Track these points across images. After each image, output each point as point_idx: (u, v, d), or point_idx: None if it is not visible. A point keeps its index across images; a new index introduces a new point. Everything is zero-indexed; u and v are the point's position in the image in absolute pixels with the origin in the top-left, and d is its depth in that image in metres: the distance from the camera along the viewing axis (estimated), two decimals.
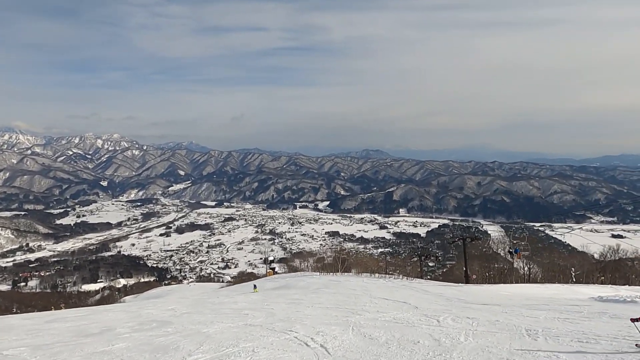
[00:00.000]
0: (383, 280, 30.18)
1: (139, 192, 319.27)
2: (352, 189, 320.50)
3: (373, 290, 23.18)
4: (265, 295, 24.93)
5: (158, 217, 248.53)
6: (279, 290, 29.02)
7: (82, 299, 63.39)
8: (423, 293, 21.42)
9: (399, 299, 18.47)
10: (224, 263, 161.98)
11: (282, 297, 22.82)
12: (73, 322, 16.64)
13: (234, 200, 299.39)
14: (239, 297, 25.68)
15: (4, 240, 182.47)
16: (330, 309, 16.65)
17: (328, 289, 25.36)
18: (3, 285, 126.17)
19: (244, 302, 21.31)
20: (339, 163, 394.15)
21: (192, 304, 22.51)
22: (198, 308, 19.75)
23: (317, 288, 26.48)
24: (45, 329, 14.89)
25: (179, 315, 17.23)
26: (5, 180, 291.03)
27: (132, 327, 13.99)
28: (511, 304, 15.86)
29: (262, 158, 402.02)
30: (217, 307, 20.16)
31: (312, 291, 24.70)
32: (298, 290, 26.22)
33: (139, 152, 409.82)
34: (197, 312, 18.18)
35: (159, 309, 19.73)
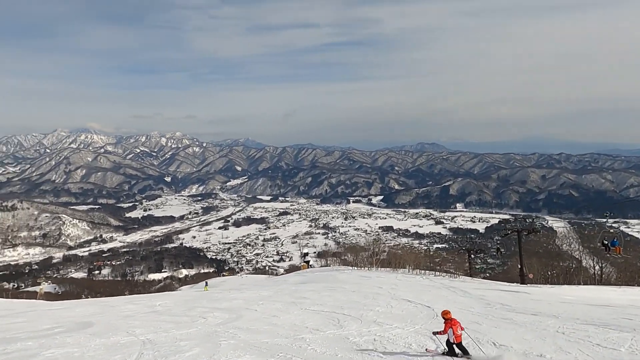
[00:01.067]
0: (420, 278, 28.06)
1: (199, 187, 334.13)
2: (407, 183, 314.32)
3: (401, 289, 21.31)
4: (275, 292, 24.05)
5: (217, 211, 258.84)
6: (297, 285, 28.00)
7: (146, 287, 67.70)
8: (460, 295, 18.81)
9: (424, 302, 16.48)
10: (278, 256, 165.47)
11: (290, 294, 21.77)
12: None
13: (289, 195, 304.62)
14: (239, 294, 25.20)
15: (81, 231, 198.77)
16: (324, 313, 15.33)
17: (350, 285, 24.06)
18: (80, 272, 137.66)
19: (231, 301, 20.96)
20: (392, 157, 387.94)
21: (177, 301, 24.24)
22: (178, 305, 21.68)
23: (338, 285, 25.04)
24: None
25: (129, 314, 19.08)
26: (82, 176, 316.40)
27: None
28: (573, 316, 12.02)
29: (316, 153, 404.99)
30: (190, 305, 21.22)
31: (329, 288, 23.59)
32: (315, 287, 25.21)
33: (199, 149, 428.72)
34: (155, 311, 19.71)
35: (142, 305, 22.49)
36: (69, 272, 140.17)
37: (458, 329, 9.01)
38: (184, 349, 10.35)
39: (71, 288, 67.61)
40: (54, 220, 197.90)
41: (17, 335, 13.50)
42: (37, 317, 19.03)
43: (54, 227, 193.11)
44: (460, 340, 9.06)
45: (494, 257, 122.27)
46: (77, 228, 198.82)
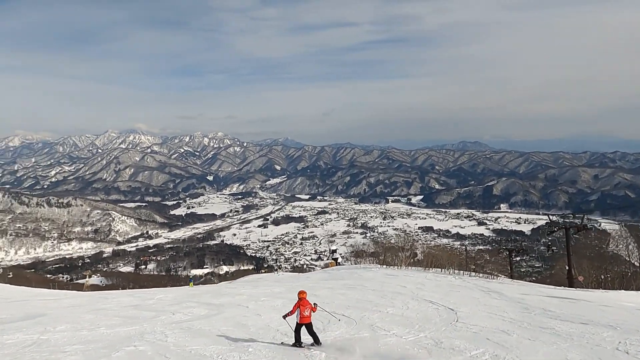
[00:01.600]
0: (452, 278, 25.26)
1: (239, 185, 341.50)
2: (448, 182, 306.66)
3: (427, 289, 19.38)
4: (288, 288, 22.85)
5: (256, 210, 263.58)
6: (316, 282, 26.37)
7: (187, 282, 70.01)
8: (494, 297, 16.18)
9: (448, 304, 14.25)
10: (316, 255, 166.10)
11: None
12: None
13: (327, 194, 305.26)
14: (251, 289, 24.30)
15: (129, 227, 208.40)
16: (319, 314, 11.34)
17: (372, 284, 22.47)
18: (128, 266, 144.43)
19: (234, 296, 20.05)
20: (433, 156, 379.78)
21: (179, 295, 23.65)
22: (174, 299, 21.08)
23: (359, 283, 23.40)
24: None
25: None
26: (130, 175, 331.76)
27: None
28: (637, 328, 9.42)
29: (354, 152, 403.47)
30: (186, 299, 20.61)
31: (348, 286, 22.13)
32: (334, 284, 23.83)
33: (240, 149, 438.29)
34: (134, 305, 18.98)
35: (138, 298, 22.47)
36: (118, 266, 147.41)
37: (306, 310, 8.86)
38: (59, 356, 8.74)
39: (117, 281, 71.40)
40: (105, 216, 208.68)
41: None
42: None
43: (105, 223, 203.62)
44: (307, 322, 8.85)
45: (541, 260, 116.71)
46: (125, 224, 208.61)
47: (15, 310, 17.45)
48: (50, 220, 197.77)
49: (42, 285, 46.75)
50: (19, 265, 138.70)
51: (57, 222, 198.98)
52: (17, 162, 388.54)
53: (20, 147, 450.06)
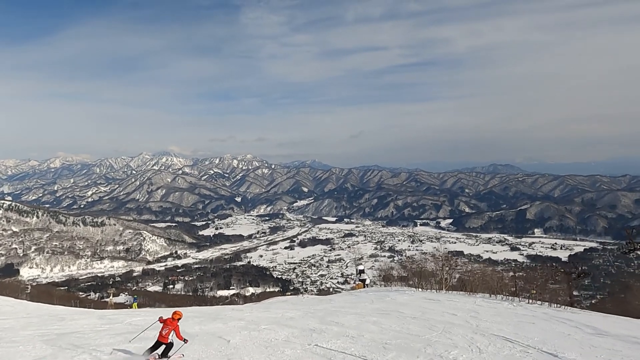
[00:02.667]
0: (508, 304, 21.87)
1: (267, 207, 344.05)
2: (478, 206, 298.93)
3: (486, 318, 16.01)
4: (304, 313, 19.35)
5: (283, 231, 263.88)
6: (339, 308, 22.44)
7: (213, 303, 70.05)
8: (593, 334, 12.79)
9: (537, 344, 10.76)
10: (343, 278, 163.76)
11: (320, 318, 16.94)
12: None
13: (354, 216, 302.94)
14: (260, 313, 20.77)
15: (159, 247, 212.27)
16: (344, 357, 10.03)
17: (410, 310, 19.14)
18: (156, 286, 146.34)
19: (227, 322, 16.36)
20: (463, 179, 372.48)
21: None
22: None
23: (394, 308, 20.16)
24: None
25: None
26: (162, 196, 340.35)
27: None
28: None
29: (382, 175, 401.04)
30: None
31: (380, 312, 18.83)
32: (363, 309, 20.39)
33: (268, 171, 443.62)
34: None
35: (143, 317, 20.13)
36: (147, 285, 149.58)
37: (164, 329, 9.31)
38: None
39: (145, 300, 72.26)
40: (136, 236, 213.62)
41: None
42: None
43: (136, 243, 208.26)
44: (163, 341, 9.30)
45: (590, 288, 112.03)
46: (155, 244, 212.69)
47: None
48: (84, 239, 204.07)
49: (64, 302, 47.62)
50: (53, 283, 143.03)
51: (91, 240, 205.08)
52: (57, 182, 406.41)
53: (61, 169, 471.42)
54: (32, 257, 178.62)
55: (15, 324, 16.69)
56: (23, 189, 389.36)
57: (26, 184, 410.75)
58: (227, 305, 38.54)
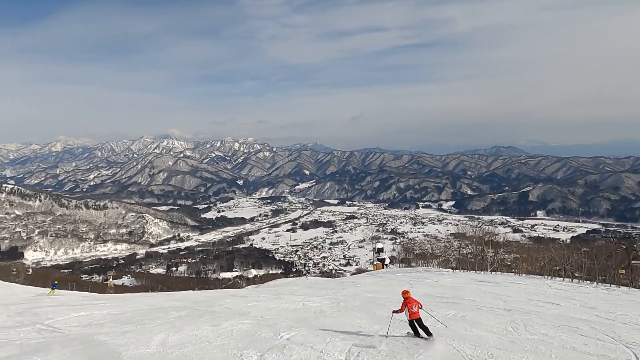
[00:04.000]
0: (597, 289, 19.08)
1: (269, 190, 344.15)
2: (480, 188, 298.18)
3: (608, 309, 13.42)
4: (332, 302, 15.93)
5: (285, 214, 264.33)
6: (378, 291, 19.55)
7: (216, 285, 70.26)
8: None
9: None
10: (345, 260, 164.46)
11: (360, 306, 14.44)
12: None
13: (356, 199, 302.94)
14: (266, 302, 17.02)
15: (162, 230, 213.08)
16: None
17: (481, 298, 16.19)
18: (160, 268, 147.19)
19: (219, 321, 12.45)
20: (465, 161, 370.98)
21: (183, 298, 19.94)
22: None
23: (453, 295, 17.19)
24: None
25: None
26: (163, 179, 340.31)
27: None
28: None
29: (384, 157, 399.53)
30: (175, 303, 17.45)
31: (445, 301, 15.67)
32: (415, 292, 15.58)
33: (269, 154, 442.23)
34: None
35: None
36: (150, 267, 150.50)
37: (413, 307, 9.55)
38: None
39: (147, 282, 72.38)
40: (139, 219, 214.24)
41: None
42: None
43: (139, 226, 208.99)
44: (416, 317, 9.56)
45: None
46: (158, 227, 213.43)
47: None
48: (87, 222, 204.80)
49: (60, 285, 47.60)
50: (57, 265, 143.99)
51: (94, 223, 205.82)
52: (59, 166, 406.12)
53: (62, 152, 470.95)
54: (35, 240, 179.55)
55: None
56: (25, 173, 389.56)
57: (28, 168, 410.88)
58: (228, 290, 33.79)
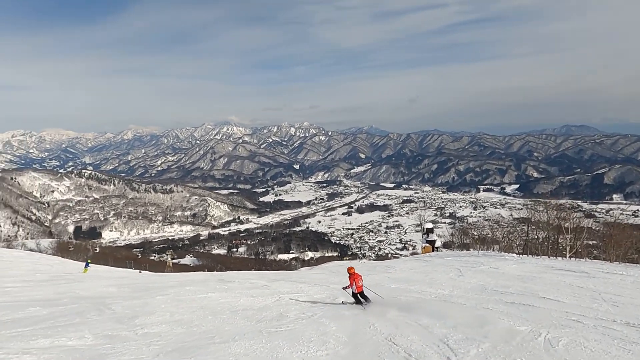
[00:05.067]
0: None
1: (324, 174, 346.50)
2: (548, 170, 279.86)
3: None
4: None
5: (341, 197, 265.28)
6: (433, 281, 14.91)
7: (273, 266, 72.48)
8: None
9: None
10: (401, 244, 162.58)
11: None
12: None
13: (412, 182, 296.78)
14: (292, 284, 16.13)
15: (223, 213, 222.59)
16: None
17: (568, 301, 10.14)
18: (221, 249, 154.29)
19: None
20: (531, 142, 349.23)
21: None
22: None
23: (518, 290, 11.81)
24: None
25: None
26: (224, 164, 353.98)
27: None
28: None
29: (442, 139, 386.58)
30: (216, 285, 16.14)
31: (500, 289, 12.00)
32: (468, 280, 13.68)
33: (325, 138, 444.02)
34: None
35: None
36: (212, 248, 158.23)
37: (359, 281, 11.12)
38: None
39: (208, 262, 76.16)
40: (202, 202, 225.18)
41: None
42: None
43: (202, 208, 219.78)
44: (361, 290, 11.18)
45: None
46: (219, 210, 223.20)
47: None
48: (156, 205, 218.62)
49: (118, 262, 51.41)
50: (130, 245, 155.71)
51: (162, 206, 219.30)
52: (130, 153, 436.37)
53: (133, 140, 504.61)
54: (111, 222, 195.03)
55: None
56: (101, 160, 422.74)
57: (104, 155, 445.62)
58: (302, 268, 34.31)
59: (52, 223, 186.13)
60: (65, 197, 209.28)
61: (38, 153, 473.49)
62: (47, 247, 57.50)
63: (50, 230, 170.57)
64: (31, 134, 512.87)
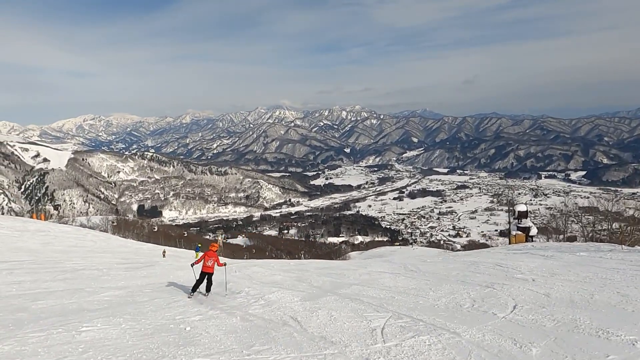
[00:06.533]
0: None
1: (375, 158, 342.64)
2: (620, 156, 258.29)
3: None
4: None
5: (392, 182, 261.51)
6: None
7: (323, 249, 72.86)
8: None
9: None
10: (454, 231, 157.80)
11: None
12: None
13: (467, 168, 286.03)
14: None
15: (274, 195, 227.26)
16: None
17: None
18: (272, 230, 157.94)
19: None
20: (601, 125, 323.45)
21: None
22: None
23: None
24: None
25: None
26: (276, 147, 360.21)
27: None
28: None
29: (501, 122, 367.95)
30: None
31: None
32: None
33: (377, 121, 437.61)
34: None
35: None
36: (264, 229, 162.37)
37: (209, 261, 9.17)
38: None
39: (258, 242, 77.97)
40: (254, 184, 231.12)
41: None
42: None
43: (254, 191, 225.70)
44: (209, 272, 9.20)
45: None
46: (271, 192, 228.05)
47: None
48: (211, 186, 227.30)
49: (168, 240, 53.27)
50: (187, 224, 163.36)
51: (217, 188, 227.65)
52: (188, 136, 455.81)
53: (190, 124, 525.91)
54: (171, 201, 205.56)
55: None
56: (162, 143, 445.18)
57: (164, 138, 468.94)
58: (352, 252, 30.49)
59: (118, 201, 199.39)
60: (130, 177, 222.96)
61: (106, 136, 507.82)
62: (98, 224, 60.95)
63: (117, 208, 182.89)
64: (100, 118, 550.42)
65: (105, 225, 60.05)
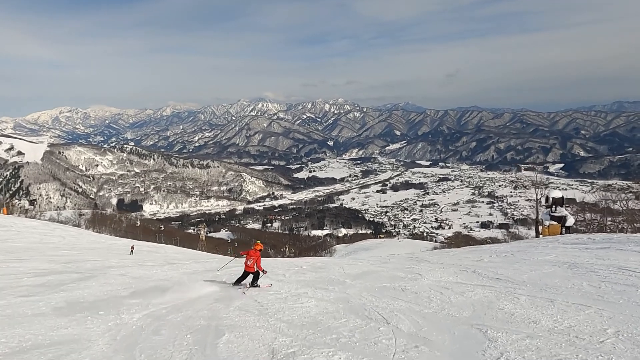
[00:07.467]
0: None
1: (359, 151, 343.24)
2: (596, 149, 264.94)
3: None
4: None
5: (375, 175, 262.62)
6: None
7: (306, 242, 72.53)
8: None
9: None
10: (437, 223, 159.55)
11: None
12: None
13: (449, 160, 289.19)
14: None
15: (257, 188, 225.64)
16: None
17: None
18: (256, 224, 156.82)
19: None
20: (578, 119, 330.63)
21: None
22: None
23: None
24: None
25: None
26: (259, 140, 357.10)
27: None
28: None
29: (482, 116, 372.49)
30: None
31: None
32: None
33: (360, 114, 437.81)
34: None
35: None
36: (248, 222, 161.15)
37: (249, 260, 9.29)
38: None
39: (242, 236, 77.26)
40: (237, 177, 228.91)
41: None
42: None
43: (237, 184, 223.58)
44: (250, 270, 9.32)
45: None
46: (254, 185, 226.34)
47: None
48: (193, 180, 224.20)
49: (148, 235, 51.88)
50: (168, 218, 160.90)
51: (199, 181, 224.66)
52: (169, 129, 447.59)
53: (171, 116, 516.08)
54: (151, 195, 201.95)
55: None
56: (142, 135, 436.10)
57: (144, 131, 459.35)
58: (338, 246, 29.47)
59: (97, 195, 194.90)
60: (109, 170, 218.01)
61: (84, 129, 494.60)
62: (70, 218, 58.99)
63: (96, 203, 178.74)
64: (77, 111, 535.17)
65: (77, 220, 58.10)
